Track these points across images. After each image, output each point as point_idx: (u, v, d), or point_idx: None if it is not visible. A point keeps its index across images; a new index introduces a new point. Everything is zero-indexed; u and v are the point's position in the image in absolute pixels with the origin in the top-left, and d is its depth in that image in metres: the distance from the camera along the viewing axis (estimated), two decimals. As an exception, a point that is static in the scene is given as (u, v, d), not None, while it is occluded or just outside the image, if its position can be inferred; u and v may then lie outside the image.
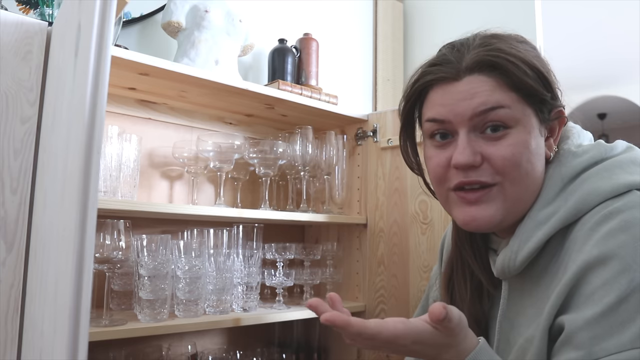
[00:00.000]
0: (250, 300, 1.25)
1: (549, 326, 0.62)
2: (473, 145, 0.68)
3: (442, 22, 2.14)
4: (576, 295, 0.60)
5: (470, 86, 0.68)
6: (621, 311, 0.56)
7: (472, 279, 0.79)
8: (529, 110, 0.68)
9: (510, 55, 0.67)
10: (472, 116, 0.67)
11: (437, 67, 0.71)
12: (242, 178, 1.44)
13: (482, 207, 0.68)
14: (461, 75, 0.69)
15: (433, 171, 0.74)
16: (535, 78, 0.68)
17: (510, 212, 0.69)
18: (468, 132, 0.68)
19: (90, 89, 0.54)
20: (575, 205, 0.65)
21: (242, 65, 1.61)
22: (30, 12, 1.22)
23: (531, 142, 0.68)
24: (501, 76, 0.67)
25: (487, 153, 0.67)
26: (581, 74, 4.60)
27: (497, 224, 0.69)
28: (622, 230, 0.59)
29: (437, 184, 0.74)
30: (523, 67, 0.67)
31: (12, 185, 0.87)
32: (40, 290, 0.73)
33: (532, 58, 0.69)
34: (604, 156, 0.69)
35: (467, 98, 0.68)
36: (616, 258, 0.58)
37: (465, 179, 0.68)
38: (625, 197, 0.63)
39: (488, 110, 0.67)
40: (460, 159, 0.67)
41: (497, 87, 0.67)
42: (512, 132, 0.67)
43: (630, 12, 3.33)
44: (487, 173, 0.67)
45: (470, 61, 0.68)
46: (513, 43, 0.70)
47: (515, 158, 0.66)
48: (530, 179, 0.68)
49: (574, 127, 0.77)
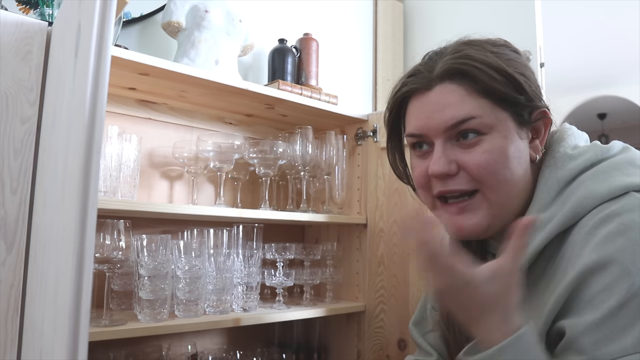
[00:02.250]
0: (250, 300, 1.25)
1: (546, 330, 0.61)
2: (448, 154, 0.69)
3: (442, 22, 2.14)
4: (576, 300, 0.60)
5: (440, 96, 0.70)
6: (622, 316, 0.55)
7: None
8: (503, 114, 0.68)
9: (477, 61, 0.68)
10: (445, 129, 0.69)
11: (412, 77, 0.73)
12: (242, 178, 1.44)
13: (467, 215, 0.70)
14: (432, 85, 0.71)
15: (416, 180, 0.76)
16: (504, 82, 0.68)
17: (496, 217, 0.69)
18: (443, 142, 0.70)
19: (90, 89, 0.54)
20: (572, 209, 0.65)
21: (242, 65, 1.61)
22: (30, 12, 1.22)
23: (508, 147, 0.68)
24: (470, 83, 0.68)
25: (462, 161, 0.68)
26: (581, 74, 4.60)
27: (485, 229, 0.70)
28: (621, 234, 0.59)
29: (422, 192, 0.76)
30: (490, 72, 0.68)
31: (12, 185, 0.87)
32: (40, 290, 0.73)
33: (503, 62, 0.69)
34: (600, 158, 0.69)
35: (438, 110, 0.69)
36: (616, 262, 0.58)
37: (444, 188, 0.70)
38: (622, 200, 0.62)
39: (459, 122, 0.68)
40: (434, 168, 0.69)
41: (466, 96, 0.68)
42: (486, 138, 0.68)
43: (630, 12, 3.33)
44: (464, 181, 0.69)
45: (439, 70, 0.70)
46: (485, 48, 0.71)
47: (490, 165, 0.67)
48: (511, 184, 0.68)
49: (570, 128, 0.77)
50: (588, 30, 3.68)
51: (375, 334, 1.44)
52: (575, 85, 4.81)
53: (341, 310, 1.43)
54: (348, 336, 1.52)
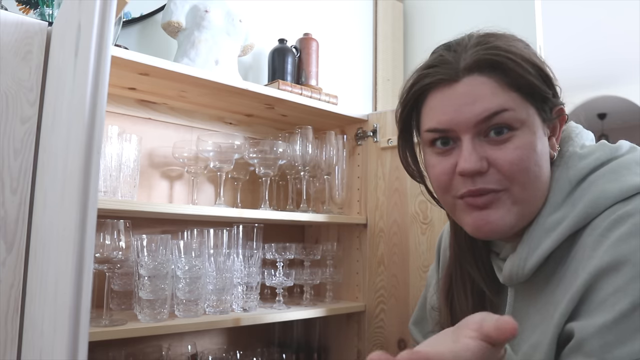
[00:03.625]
0: (250, 300, 1.25)
1: (558, 333, 0.60)
2: (478, 150, 0.65)
3: (442, 22, 2.14)
4: (587, 301, 0.58)
5: (470, 88, 0.65)
6: (634, 318, 0.54)
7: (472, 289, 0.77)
8: (532, 109, 0.66)
9: (509, 52, 0.65)
10: (476, 123, 0.64)
11: (434, 68, 0.68)
12: (242, 178, 1.44)
13: (492, 210, 0.65)
14: (460, 76, 0.66)
15: (437, 180, 0.71)
16: (536, 76, 0.66)
17: (521, 216, 0.66)
18: (472, 137, 0.65)
19: (90, 89, 0.54)
20: (584, 209, 0.63)
21: (242, 65, 1.61)
22: (30, 12, 1.22)
23: (537, 143, 0.65)
24: (502, 75, 0.65)
25: (493, 158, 0.64)
26: (581, 74, 4.60)
27: (511, 227, 0.66)
28: (634, 235, 0.58)
29: (442, 192, 0.71)
30: (524, 65, 0.64)
31: (12, 185, 0.87)
32: (40, 290, 0.73)
33: (532, 55, 0.67)
34: (610, 157, 0.67)
35: (468, 103, 0.65)
36: (628, 264, 0.56)
37: (473, 187, 0.65)
38: (634, 200, 0.61)
39: (492, 115, 0.64)
40: (466, 166, 0.64)
41: (498, 88, 0.64)
42: (517, 134, 0.64)
43: (630, 12, 3.33)
44: (495, 179, 0.65)
45: (469, 60, 0.65)
46: (510, 41, 0.68)
47: (522, 162, 0.64)
48: (539, 182, 0.66)
49: (577, 127, 0.75)
50: (588, 30, 3.68)
51: (375, 334, 1.44)
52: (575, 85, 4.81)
53: (341, 310, 1.43)
54: (348, 336, 1.52)
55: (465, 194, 0.66)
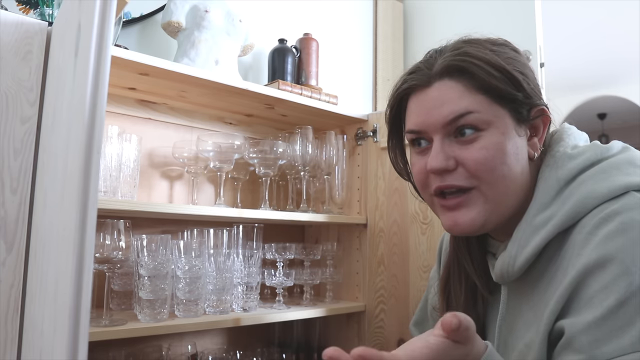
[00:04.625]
0: (250, 300, 1.25)
1: (548, 331, 0.61)
2: (446, 150, 0.69)
3: (442, 22, 2.14)
4: (576, 299, 0.60)
5: (439, 92, 0.70)
6: (621, 314, 0.55)
7: (467, 285, 0.79)
8: (501, 111, 0.69)
9: (475, 58, 0.69)
10: (444, 124, 0.69)
11: (412, 74, 0.74)
12: (242, 178, 1.44)
13: (462, 211, 0.69)
14: (431, 82, 0.71)
15: (416, 177, 0.76)
16: (502, 79, 0.68)
17: (493, 214, 0.69)
18: (442, 138, 0.70)
19: (90, 89, 0.54)
20: (573, 208, 0.65)
21: (242, 65, 1.61)
22: (30, 12, 1.22)
23: (506, 143, 0.68)
24: (468, 79, 0.68)
25: (461, 157, 0.68)
26: (581, 74, 4.60)
27: (480, 226, 0.69)
28: (621, 233, 0.59)
29: (421, 189, 0.76)
30: (488, 69, 0.68)
31: (12, 185, 0.87)
32: (40, 290, 0.73)
33: (502, 60, 0.69)
34: (600, 157, 0.69)
35: (437, 106, 0.70)
36: (615, 261, 0.58)
37: (442, 183, 0.70)
38: (622, 199, 0.62)
39: (458, 117, 0.68)
40: (433, 163, 0.69)
41: (465, 92, 0.68)
42: (484, 134, 0.68)
43: (630, 12, 3.33)
44: (462, 177, 0.69)
45: (439, 67, 0.70)
46: (484, 46, 0.71)
47: (488, 161, 0.67)
48: (508, 180, 0.68)
49: (570, 128, 0.77)
50: (588, 30, 3.68)
51: (375, 334, 1.44)
52: (575, 85, 4.81)
53: (341, 310, 1.43)
54: (348, 336, 1.52)
55: (436, 190, 0.71)
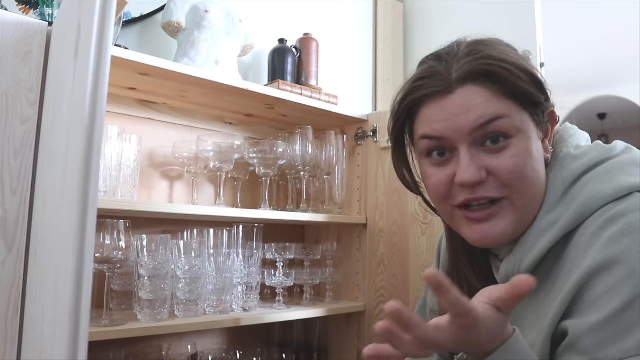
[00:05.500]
0: (250, 300, 1.25)
1: (551, 332, 0.61)
2: (476, 160, 0.65)
3: (442, 22, 2.14)
4: (580, 301, 0.59)
5: (464, 98, 0.65)
6: (626, 317, 0.55)
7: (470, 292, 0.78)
8: (525, 115, 0.66)
9: (502, 61, 0.65)
10: (471, 131, 0.64)
11: (426, 80, 0.68)
12: (242, 178, 1.44)
13: (492, 222, 0.66)
14: (453, 87, 0.66)
15: (435, 189, 0.70)
16: (529, 82, 0.66)
17: (520, 223, 0.67)
18: (469, 147, 0.65)
19: (90, 89, 0.54)
20: (578, 210, 0.64)
21: (242, 65, 1.61)
22: (30, 12, 1.22)
23: (533, 148, 0.66)
24: (495, 84, 0.65)
25: (492, 167, 0.65)
26: (581, 74, 4.60)
27: (510, 236, 0.67)
28: (626, 235, 0.58)
29: (439, 202, 0.71)
30: (517, 72, 0.65)
31: (12, 185, 0.87)
32: (40, 290, 0.73)
33: (523, 61, 0.68)
34: (604, 158, 0.68)
35: (463, 112, 0.65)
36: (620, 263, 0.57)
37: (472, 195, 0.66)
38: (627, 200, 0.61)
39: (487, 122, 0.64)
40: (466, 177, 0.64)
41: (492, 97, 0.65)
42: (513, 141, 0.65)
43: (630, 12, 3.33)
44: (494, 187, 0.65)
45: (461, 72, 0.66)
46: (501, 48, 0.68)
47: (520, 169, 0.64)
48: (536, 187, 0.66)
49: (572, 128, 0.76)
50: (588, 30, 3.68)
51: (375, 334, 1.44)
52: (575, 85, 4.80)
53: (341, 310, 1.43)
54: (348, 336, 1.52)
55: (464, 202, 0.67)
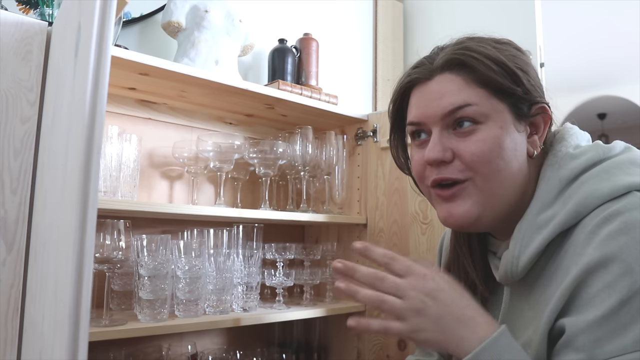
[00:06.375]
0: (250, 300, 1.25)
1: (548, 329, 0.61)
2: (444, 142, 0.70)
3: (442, 22, 2.14)
4: (577, 298, 0.60)
5: (440, 85, 0.71)
6: (623, 314, 0.55)
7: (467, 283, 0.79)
8: (500, 105, 0.69)
9: (475, 52, 0.70)
10: (442, 116, 0.70)
11: (415, 69, 0.75)
12: (242, 178, 1.44)
13: (457, 202, 0.70)
14: (432, 75, 0.72)
15: (414, 169, 0.76)
16: (500, 73, 0.69)
17: (487, 208, 0.69)
18: (441, 130, 0.71)
19: (90, 89, 0.54)
20: (575, 208, 0.65)
21: (242, 65, 1.61)
22: (30, 12, 1.22)
23: (504, 137, 0.68)
24: (468, 73, 0.69)
25: (457, 149, 0.69)
26: (581, 74, 4.60)
27: (475, 219, 0.70)
28: (623, 232, 0.59)
29: (419, 181, 0.77)
30: (487, 63, 0.69)
31: (12, 185, 0.87)
32: (40, 290, 0.73)
33: (502, 55, 0.70)
34: (602, 157, 0.68)
35: (437, 98, 0.71)
36: (618, 260, 0.57)
37: (438, 175, 0.71)
38: (624, 199, 0.62)
39: (456, 109, 0.69)
40: (430, 154, 0.70)
41: (464, 85, 0.69)
42: (481, 127, 0.68)
43: (630, 12, 3.34)
44: (458, 169, 0.69)
45: (440, 61, 0.72)
46: (487, 42, 0.72)
47: (483, 154, 0.67)
48: (503, 175, 0.68)
49: (572, 128, 0.76)
50: (588, 30, 3.68)
51: (375, 334, 1.44)
52: (575, 85, 4.81)
53: (341, 310, 1.43)
54: (348, 336, 1.52)
55: (433, 182, 0.72)
